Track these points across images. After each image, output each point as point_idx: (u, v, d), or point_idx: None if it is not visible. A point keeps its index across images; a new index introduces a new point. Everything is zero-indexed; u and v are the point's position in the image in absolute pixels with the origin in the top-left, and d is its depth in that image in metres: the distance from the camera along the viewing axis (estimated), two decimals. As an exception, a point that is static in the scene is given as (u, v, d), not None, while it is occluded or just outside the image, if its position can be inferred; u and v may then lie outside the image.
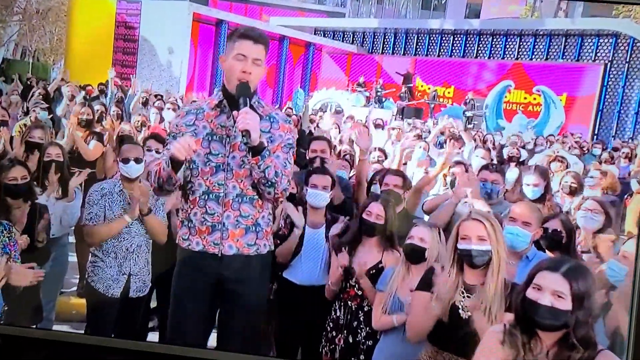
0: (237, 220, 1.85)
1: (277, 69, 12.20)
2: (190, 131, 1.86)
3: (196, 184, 1.85)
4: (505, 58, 12.39)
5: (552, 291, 1.41)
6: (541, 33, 11.95)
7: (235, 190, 1.84)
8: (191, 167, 1.85)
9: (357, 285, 2.26)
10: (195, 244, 1.88)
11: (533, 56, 12.13)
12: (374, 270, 2.25)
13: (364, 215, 2.30)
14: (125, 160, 2.53)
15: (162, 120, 4.74)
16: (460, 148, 4.43)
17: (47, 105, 4.38)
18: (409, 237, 2.11)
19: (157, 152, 3.09)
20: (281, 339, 2.53)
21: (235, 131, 1.79)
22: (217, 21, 10.76)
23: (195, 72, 10.79)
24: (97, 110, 4.02)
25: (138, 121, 4.34)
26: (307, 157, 3.00)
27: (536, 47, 12.12)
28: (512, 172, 3.37)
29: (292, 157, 1.91)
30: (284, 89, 12.44)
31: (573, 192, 3.11)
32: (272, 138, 1.85)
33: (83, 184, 3.08)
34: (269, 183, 1.78)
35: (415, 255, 2.08)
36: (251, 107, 1.78)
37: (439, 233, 2.10)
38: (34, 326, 2.26)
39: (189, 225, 1.89)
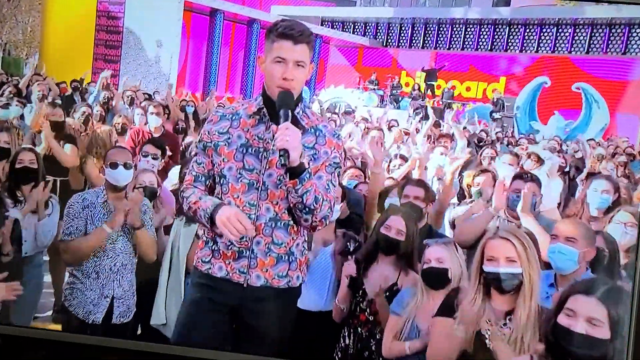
0: (268, 248, 1.82)
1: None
2: (222, 140, 1.83)
3: (225, 202, 1.81)
4: (540, 51, 12.40)
5: (586, 317, 1.43)
6: (581, 22, 11.95)
7: (269, 214, 1.81)
8: (221, 182, 1.83)
9: (368, 310, 2.29)
10: (217, 268, 1.86)
11: (572, 49, 12.12)
12: (387, 293, 2.27)
13: (382, 230, 2.33)
14: (113, 165, 2.57)
15: (147, 122, 4.82)
16: (450, 146, 4.46)
17: (5, 102, 4.40)
18: (424, 261, 2.13)
19: (154, 158, 3.15)
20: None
21: (273, 146, 1.75)
22: (211, 10, 10.91)
23: (187, 68, 10.93)
24: (84, 112, 4.10)
25: (118, 123, 4.41)
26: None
27: (575, 38, 12.12)
28: (556, 183, 3.34)
29: (337, 179, 1.85)
30: (286, 87, 12.51)
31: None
32: (315, 155, 1.81)
33: (57, 195, 3.12)
34: (307, 210, 1.74)
35: (437, 279, 2.10)
36: (294, 118, 1.76)
37: (456, 247, 2.12)
38: (34, 326, 2.44)
39: (213, 247, 1.87)
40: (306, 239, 1.92)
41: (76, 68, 8.56)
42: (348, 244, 2.54)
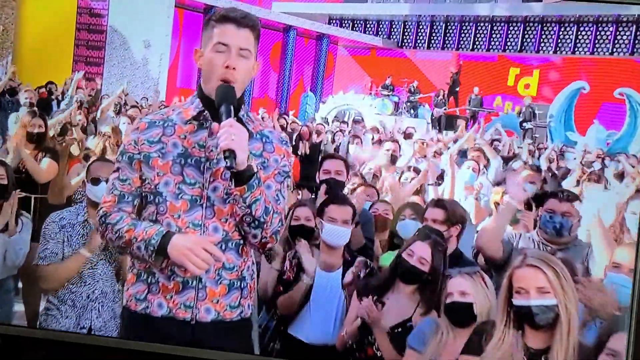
0: (218, 274, 1.75)
1: (281, 68, 12.46)
2: (155, 150, 1.75)
3: (164, 224, 1.73)
4: (577, 52, 12.45)
5: None
6: (624, 20, 12.00)
7: (218, 233, 1.75)
8: (157, 200, 1.75)
9: (376, 344, 2.28)
10: (156, 306, 1.75)
11: (614, 50, 12.15)
12: (399, 329, 2.26)
13: (404, 255, 2.33)
14: (95, 181, 2.60)
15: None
16: (485, 165, 4.46)
17: None
18: (447, 294, 2.12)
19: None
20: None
21: (218, 154, 1.69)
22: (205, 7, 11.09)
23: (178, 71, 11.07)
24: (61, 121, 4.15)
25: (106, 133, 4.47)
26: (318, 179, 3.06)
27: (618, 38, 12.15)
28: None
29: (286, 189, 1.84)
30: (289, 92, 12.65)
31: None
32: (265, 164, 1.79)
33: (36, 213, 3.14)
34: (256, 223, 1.71)
35: (461, 315, 2.09)
36: (239, 120, 1.70)
37: (483, 278, 2.11)
38: (34, 326, 2.57)
39: (149, 280, 1.76)
40: (254, 260, 1.89)
41: (54, 71, 8.69)
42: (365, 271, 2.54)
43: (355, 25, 14.32)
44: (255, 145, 1.78)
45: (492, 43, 13.23)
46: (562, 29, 12.67)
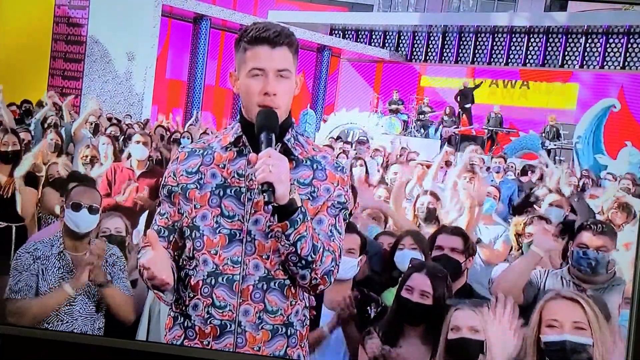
0: (259, 318, 1.77)
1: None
2: (193, 181, 1.80)
3: (200, 261, 1.77)
4: (607, 67, 12.57)
5: None
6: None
7: (259, 272, 1.76)
8: (193, 235, 1.79)
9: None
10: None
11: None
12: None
13: (403, 293, 2.34)
14: (76, 207, 2.64)
15: (118, 154, 4.93)
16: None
17: None
18: (452, 328, 2.13)
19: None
20: None
21: (257, 184, 1.70)
22: (195, 16, 11.25)
23: (165, 86, 11.15)
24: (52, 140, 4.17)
25: (87, 156, 4.52)
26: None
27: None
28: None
29: (342, 223, 1.82)
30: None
31: None
32: (314, 194, 1.78)
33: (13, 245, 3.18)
34: (303, 263, 1.69)
35: (469, 354, 2.09)
36: (284, 146, 1.74)
37: (495, 312, 2.12)
38: (34, 326, 2.65)
39: (185, 324, 1.81)
40: (307, 305, 1.87)
41: (28, 86, 8.77)
42: (368, 308, 2.55)
43: (360, 37, 14.47)
44: (304, 172, 1.79)
45: (511, 56, 13.35)
46: (590, 41, 12.79)
